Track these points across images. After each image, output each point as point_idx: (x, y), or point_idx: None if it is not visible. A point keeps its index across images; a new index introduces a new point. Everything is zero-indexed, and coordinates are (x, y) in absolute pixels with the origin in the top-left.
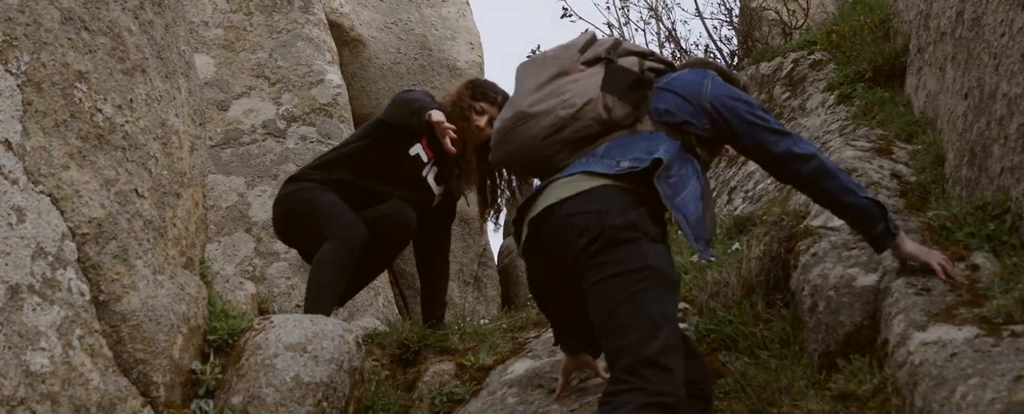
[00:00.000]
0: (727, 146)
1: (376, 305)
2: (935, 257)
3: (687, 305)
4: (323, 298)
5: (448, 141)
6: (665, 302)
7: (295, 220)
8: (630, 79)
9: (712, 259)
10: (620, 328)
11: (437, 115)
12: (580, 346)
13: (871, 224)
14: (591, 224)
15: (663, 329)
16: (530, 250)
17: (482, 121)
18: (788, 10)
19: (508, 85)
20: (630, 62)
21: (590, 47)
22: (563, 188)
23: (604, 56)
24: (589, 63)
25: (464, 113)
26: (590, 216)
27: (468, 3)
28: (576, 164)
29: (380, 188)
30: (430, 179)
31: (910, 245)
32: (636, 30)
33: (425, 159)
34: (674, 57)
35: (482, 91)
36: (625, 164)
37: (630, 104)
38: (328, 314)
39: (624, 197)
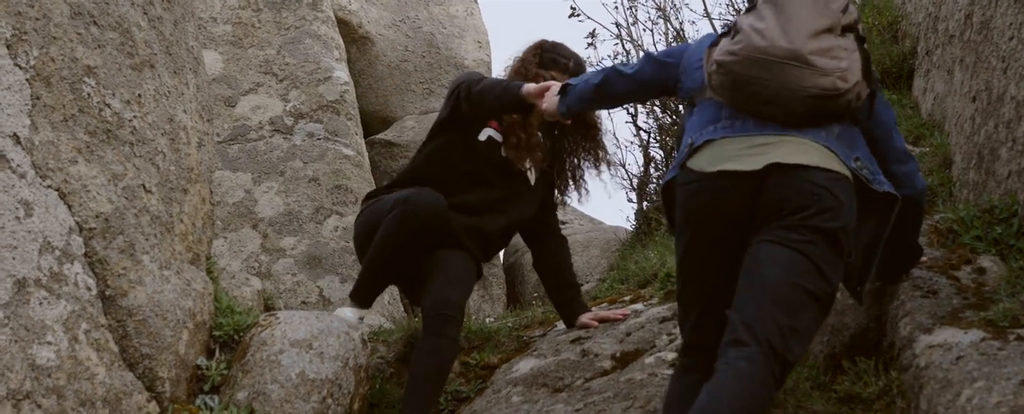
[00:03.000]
0: None
1: (381, 302)
2: None
3: None
4: (367, 275)
5: (541, 104)
6: (815, 323)
7: (369, 238)
8: (870, 72)
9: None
10: (790, 306)
11: (529, 87)
12: None
13: (910, 265)
14: (834, 208)
15: (805, 345)
16: (729, 192)
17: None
18: None
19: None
20: (865, 51)
21: (848, 10)
22: (819, 155)
23: (859, 32)
24: (846, 29)
25: (530, 81)
26: (835, 203)
27: (476, 1)
28: (815, 133)
29: (468, 199)
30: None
31: None
32: (644, 30)
33: (499, 138)
34: None
35: (552, 58)
36: (858, 165)
37: (866, 97)
38: (367, 296)
39: (856, 205)
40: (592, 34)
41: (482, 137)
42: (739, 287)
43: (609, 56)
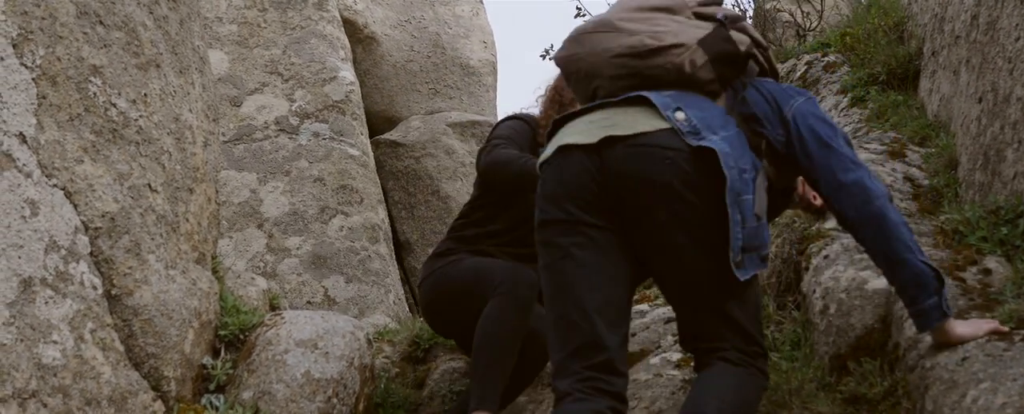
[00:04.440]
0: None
1: (387, 302)
2: (986, 326)
3: None
4: (489, 374)
5: None
6: (757, 284)
7: (445, 300)
8: (729, 50)
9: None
10: (737, 302)
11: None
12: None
13: (922, 294)
14: (688, 169)
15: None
16: (572, 165)
17: None
18: (802, 12)
19: (514, 86)
20: (740, 39)
21: (711, 3)
22: (645, 116)
23: (719, 17)
24: (701, 17)
25: (565, 108)
26: (683, 161)
27: (482, 1)
28: (638, 93)
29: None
30: None
31: (961, 328)
32: None
33: None
34: None
35: None
36: (679, 116)
37: (715, 73)
38: (495, 396)
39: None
40: None
41: None
42: (677, 307)
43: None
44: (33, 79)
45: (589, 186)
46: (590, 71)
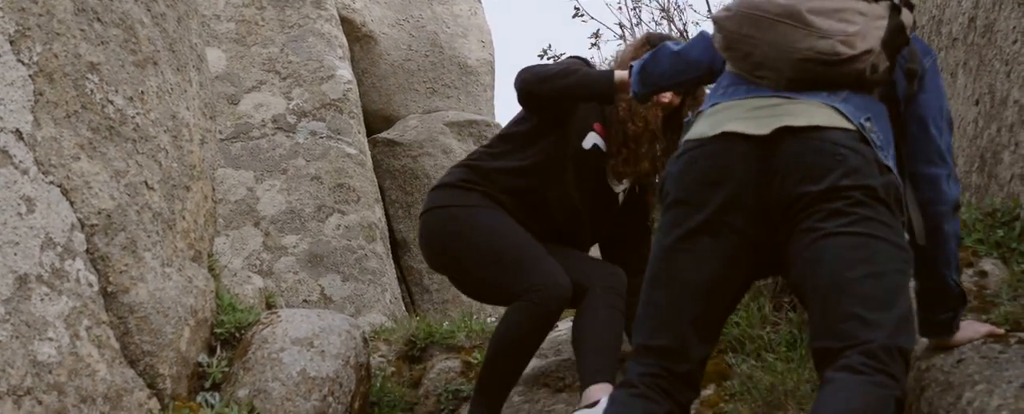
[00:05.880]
0: None
1: (383, 301)
2: (982, 329)
3: None
4: (501, 385)
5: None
6: (907, 290)
7: (450, 252)
8: (899, 43)
9: None
10: (879, 299)
11: (621, 74)
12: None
13: (940, 307)
14: (861, 168)
15: (914, 329)
16: (734, 154)
17: (667, 94)
18: None
19: (512, 85)
20: (908, 20)
21: None
22: (828, 115)
23: (898, 1)
24: None
25: None
26: (861, 162)
27: (479, 1)
28: (817, 94)
29: (553, 211)
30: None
31: (957, 335)
32: (648, 31)
33: (606, 148)
34: None
35: None
36: (868, 125)
37: (890, 74)
38: (500, 407)
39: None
40: (596, 35)
41: (586, 145)
42: (812, 305)
43: (612, 57)
44: (30, 76)
45: (747, 182)
46: (763, 61)
